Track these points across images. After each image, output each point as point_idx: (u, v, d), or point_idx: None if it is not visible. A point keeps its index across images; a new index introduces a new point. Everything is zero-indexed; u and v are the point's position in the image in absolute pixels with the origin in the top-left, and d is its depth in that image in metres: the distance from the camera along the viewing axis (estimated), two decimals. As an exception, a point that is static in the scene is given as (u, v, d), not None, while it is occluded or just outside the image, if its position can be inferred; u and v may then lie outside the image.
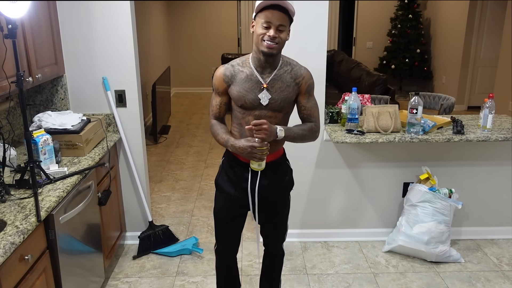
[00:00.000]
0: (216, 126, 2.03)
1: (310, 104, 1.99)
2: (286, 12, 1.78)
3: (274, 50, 1.80)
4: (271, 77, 1.90)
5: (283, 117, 1.98)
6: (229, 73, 1.93)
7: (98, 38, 2.79)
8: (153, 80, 6.22)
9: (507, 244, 3.15)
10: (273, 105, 1.90)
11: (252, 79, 1.89)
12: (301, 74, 1.94)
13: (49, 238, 1.93)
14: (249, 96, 1.89)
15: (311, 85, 1.98)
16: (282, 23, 1.78)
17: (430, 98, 3.92)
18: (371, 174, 3.08)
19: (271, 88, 1.89)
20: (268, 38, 1.78)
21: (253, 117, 1.91)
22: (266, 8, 1.78)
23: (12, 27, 1.76)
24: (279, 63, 1.92)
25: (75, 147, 2.49)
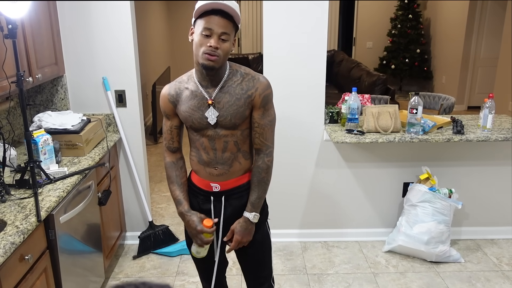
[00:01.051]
0: (171, 170, 1.79)
1: (264, 121, 1.68)
2: (230, 18, 1.53)
3: (215, 63, 1.54)
4: (216, 91, 1.64)
5: (242, 134, 1.71)
6: (174, 91, 1.70)
7: (98, 38, 2.79)
8: (153, 80, 6.22)
9: (507, 244, 3.15)
10: (224, 122, 1.65)
11: (197, 95, 1.65)
12: (254, 84, 1.65)
13: (49, 238, 1.93)
14: (195, 115, 1.65)
15: (267, 97, 1.67)
16: (225, 30, 1.52)
17: (430, 98, 3.92)
18: (371, 174, 3.08)
19: (218, 103, 1.64)
20: (208, 49, 1.52)
21: (207, 139, 1.68)
22: (206, 13, 1.52)
23: (12, 27, 1.76)
24: (226, 73, 1.65)
25: (75, 147, 2.49)
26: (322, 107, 2.94)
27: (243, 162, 1.75)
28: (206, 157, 1.71)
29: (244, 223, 1.73)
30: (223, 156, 1.70)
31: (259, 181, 1.73)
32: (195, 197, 1.81)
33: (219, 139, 1.68)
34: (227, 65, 1.67)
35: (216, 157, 1.70)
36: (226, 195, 1.76)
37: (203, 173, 1.75)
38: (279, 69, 2.86)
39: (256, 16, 8.28)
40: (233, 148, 1.70)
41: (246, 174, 1.78)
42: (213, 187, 1.75)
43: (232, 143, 1.69)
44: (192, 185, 1.82)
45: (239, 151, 1.72)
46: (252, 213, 1.73)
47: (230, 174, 1.73)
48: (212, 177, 1.73)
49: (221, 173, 1.72)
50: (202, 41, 1.53)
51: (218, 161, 1.71)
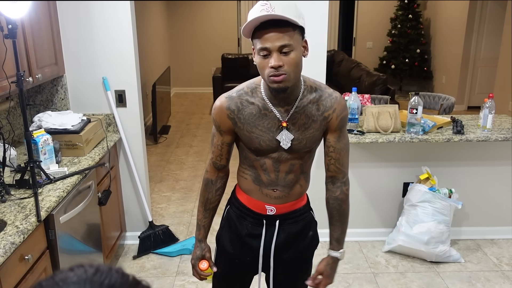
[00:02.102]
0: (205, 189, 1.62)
1: (340, 145, 1.50)
2: (287, 24, 1.27)
3: (285, 83, 1.31)
4: (291, 111, 1.42)
5: (309, 158, 1.55)
6: (235, 106, 1.44)
7: (98, 38, 2.79)
8: (153, 80, 6.22)
9: (507, 244, 3.15)
10: (298, 147, 1.46)
11: (266, 114, 1.42)
12: (331, 105, 1.45)
13: (49, 238, 1.93)
14: (264, 137, 1.44)
15: (344, 119, 1.48)
16: (284, 42, 1.27)
17: (430, 98, 3.92)
18: (371, 174, 3.08)
19: (292, 125, 1.43)
20: (271, 71, 1.29)
21: (271, 160, 1.49)
22: (257, 29, 1.29)
23: (12, 27, 1.77)
24: (301, 90, 1.42)
25: (75, 147, 2.49)
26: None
27: (304, 185, 1.59)
28: (266, 178, 1.52)
29: (334, 264, 1.59)
30: (286, 179, 1.52)
31: (339, 214, 1.58)
32: (242, 219, 1.60)
33: (286, 162, 1.49)
34: (301, 80, 1.43)
35: (277, 179, 1.52)
36: (281, 220, 1.58)
37: (257, 194, 1.55)
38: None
39: (256, 16, 8.25)
40: (297, 170, 1.53)
41: (303, 197, 1.63)
42: (267, 210, 1.55)
43: (298, 166, 1.52)
44: (239, 206, 1.61)
45: (302, 173, 1.55)
46: (339, 251, 1.59)
47: (289, 197, 1.55)
48: (269, 199, 1.54)
49: (280, 195, 1.54)
50: (262, 63, 1.31)
51: (280, 183, 1.52)
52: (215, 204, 1.65)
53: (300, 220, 1.62)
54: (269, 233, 1.58)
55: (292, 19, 1.26)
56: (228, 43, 8.64)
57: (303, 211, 1.63)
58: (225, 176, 1.65)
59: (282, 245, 1.60)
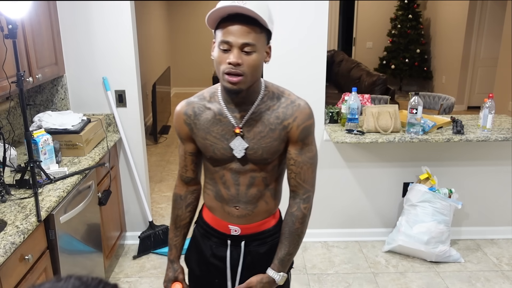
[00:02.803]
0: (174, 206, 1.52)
1: (303, 158, 1.36)
2: (254, 23, 1.18)
3: (240, 84, 1.21)
4: (246, 116, 1.31)
5: (273, 170, 1.39)
6: (192, 111, 1.37)
7: (98, 38, 2.79)
8: (153, 80, 6.22)
9: (507, 244, 3.15)
10: (253, 157, 1.34)
11: (221, 120, 1.33)
12: (292, 113, 1.31)
13: (49, 238, 1.93)
14: (218, 144, 1.34)
15: (307, 129, 1.33)
16: (248, 40, 1.18)
17: (430, 98, 3.92)
18: (371, 174, 3.08)
19: (247, 133, 1.32)
20: (227, 67, 1.19)
21: (229, 172, 1.37)
22: (222, 21, 1.20)
23: (12, 27, 1.77)
24: (259, 95, 1.32)
25: (75, 147, 2.49)
26: (322, 107, 2.94)
27: (270, 202, 1.44)
28: (226, 193, 1.40)
29: (268, 284, 1.40)
30: (248, 194, 1.39)
31: (291, 232, 1.39)
32: (207, 239, 1.50)
33: (245, 174, 1.37)
34: (261, 84, 1.33)
35: (238, 194, 1.39)
36: (247, 241, 1.45)
37: (220, 212, 1.44)
38: (279, 69, 2.86)
39: (256, 16, 8.26)
40: (260, 184, 1.39)
41: (272, 217, 1.47)
42: (231, 230, 1.44)
43: (260, 179, 1.38)
44: (204, 225, 1.51)
45: (267, 188, 1.41)
46: (279, 273, 1.40)
47: (253, 216, 1.42)
48: (232, 218, 1.42)
49: (243, 214, 1.41)
50: (220, 57, 1.20)
51: (241, 199, 1.40)
52: (186, 221, 1.54)
53: (269, 241, 1.47)
54: (235, 254, 1.46)
55: (262, 18, 1.17)
56: (228, 43, 8.62)
57: (273, 231, 1.47)
58: (196, 191, 1.53)
59: (249, 268, 1.46)
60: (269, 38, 1.26)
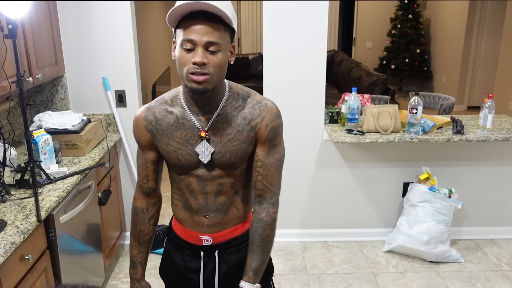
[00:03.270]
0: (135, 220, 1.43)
1: (270, 160, 1.30)
2: (219, 21, 1.13)
3: (206, 84, 1.15)
4: (212, 119, 1.25)
5: (241, 174, 1.34)
6: (153, 116, 1.29)
7: (98, 38, 2.79)
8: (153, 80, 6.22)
9: (507, 244, 3.15)
10: (220, 161, 1.28)
11: (185, 124, 1.26)
12: (260, 112, 1.26)
13: (49, 238, 1.93)
14: (182, 150, 1.27)
15: (275, 129, 1.28)
16: (212, 39, 1.12)
17: (430, 98, 3.92)
18: (371, 174, 3.08)
19: (213, 136, 1.26)
20: (192, 67, 1.13)
21: (196, 179, 1.31)
22: (184, 19, 1.13)
23: (12, 27, 1.77)
24: (224, 96, 1.26)
25: (75, 147, 2.49)
26: (322, 107, 2.94)
27: (242, 208, 1.38)
28: (194, 202, 1.34)
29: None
30: (217, 202, 1.33)
31: (262, 240, 1.32)
32: (179, 252, 1.43)
33: (212, 181, 1.31)
34: (225, 85, 1.28)
35: (207, 203, 1.33)
36: (220, 250, 1.39)
37: (189, 223, 1.38)
38: (279, 69, 2.86)
39: (256, 16, 8.28)
40: (229, 191, 1.33)
41: (244, 222, 1.41)
42: (203, 240, 1.38)
43: (229, 185, 1.32)
44: (174, 237, 1.44)
45: (237, 195, 1.36)
46: (254, 284, 1.31)
47: (224, 224, 1.36)
48: (202, 227, 1.36)
49: (214, 222, 1.35)
50: (184, 57, 1.14)
51: (210, 207, 1.34)
52: (150, 236, 1.45)
53: (244, 247, 1.39)
54: (210, 265, 1.40)
55: (227, 16, 1.11)
56: (228, 43, 8.62)
57: (247, 237, 1.37)
58: (157, 202, 1.46)
59: (226, 277, 1.40)
60: (232, 36, 1.20)
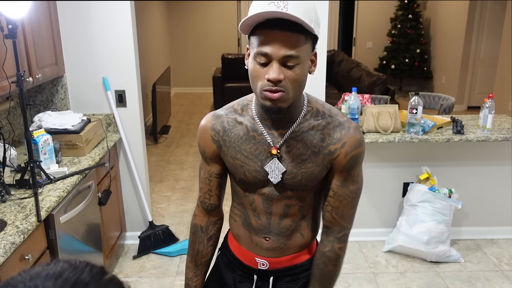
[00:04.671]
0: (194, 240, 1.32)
1: (344, 191, 1.16)
2: (298, 29, 0.96)
3: (281, 102, 1.01)
4: (286, 136, 1.12)
5: (311, 198, 1.21)
6: (221, 126, 1.18)
7: (98, 38, 2.79)
8: (153, 80, 6.22)
9: (507, 244, 3.15)
10: (290, 182, 1.15)
11: (255, 137, 1.14)
12: (341, 137, 1.12)
13: (49, 238, 1.93)
14: (250, 166, 1.15)
15: (356, 158, 1.13)
16: (291, 52, 0.97)
17: (430, 98, 3.92)
18: (371, 174, 3.08)
19: (286, 154, 1.13)
20: (266, 84, 0.99)
21: (261, 198, 1.19)
22: (259, 27, 0.98)
23: (12, 27, 1.77)
24: (302, 112, 1.13)
25: (75, 147, 2.49)
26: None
27: (307, 234, 1.26)
28: (256, 221, 1.22)
29: None
30: (280, 224, 1.21)
31: (322, 275, 1.22)
32: (231, 270, 1.32)
33: (279, 201, 1.19)
34: (303, 99, 1.13)
35: (269, 225, 1.21)
36: (276, 277, 1.27)
37: (247, 242, 1.26)
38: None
39: (256, 16, 8.25)
40: (296, 214, 1.21)
41: (306, 250, 1.29)
42: (258, 264, 1.26)
43: (296, 208, 1.20)
44: (228, 254, 1.33)
45: (304, 219, 1.23)
46: None
47: (285, 249, 1.24)
48: (260, 250, 1.24)
49: (274, 246, 1.23)
50: (257, 72, 1.00)
51: (272, 230, 1.22)
52: (207, 258, 1.34)
53: (302, 277, 1.28)
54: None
55: (308, 24, 0.95)
56: (228, 43, 8.63)
57: (307, 266, 1.27)
58: (219, 221, 1.34)
59: None
60: (314, 43, 1.05)
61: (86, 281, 0.53)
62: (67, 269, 0.54)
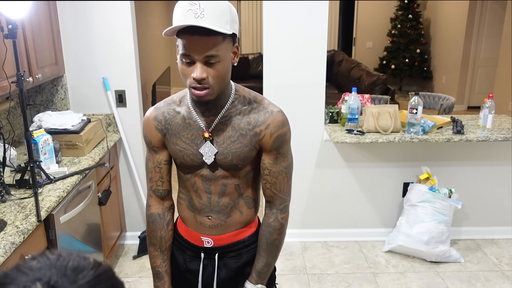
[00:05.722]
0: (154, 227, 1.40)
1: (278, 168, 1.30)
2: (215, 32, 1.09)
3: (207, 96, 1.17)
4: (216, 120, 1.26)
5: (246, 176, 1.33)
6: (162, 116, 1.31)
7: (98, 38, 2.79)
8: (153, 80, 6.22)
9: (507, 244, 3.15)
10: (223, 162, 1.28)
11: (191, 124, 1.28)
12: (264, 120, 1.26)
13: (49, 238, 1.93)
14: (188, 150, 1.28)
15: (281, 137, 1.28)
16: (211, 52, 1.11)
17: (430, 98, 3.92)
18: (371, 174, 3.08)
19: (217, 137, 1.27)
20: (193, 82, 1.14)
21: (200, 179, 1.32)
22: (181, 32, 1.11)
23: (12, 27, 1.77)
24: (230, 99, 1.27)
25: (75, 147, 2.49)
26: (322, 107, 2.94)
27: (246, 212, 1.38)
28: (198, 202, 1.34)
29: None
30: (220, 202, 1.33)
31: (268, 244, 1.35)
32: (181, 251, 1.43)
33: (216, 181, 1.32)
34: (231, 88, 1.28)
35: (210, 203, 1.34)
36: (221, 253, 1.39)
37: (192, 223, 1.38)
38: (279, 69, 2.86)
39: (256, 16, 8.28)
40: (233, 192, 1.33)
41: (247, 227, 1.40)
42: (204, 242, 1.38)
43: (233, 187, 1.32)
44: (178, 236, 1.44)
45: (241, 197, 1.35)
46: (257, 285, 1.36)
47: (226, 227, 1.36)
48: (204, 228, 1.36)
49: (215, 224, 1.35)
50: (185, 71, 1.15)
51: (213, 208, 1.34)
52: (170, 242, 1.43)
53: (244, 252, 1.40)
54: (209, 268, 1.39)
55: (221, 30, 1.08)
56: (228, 43, 8.62)
57: (249, 242, 1.40)
58: (172, 206, 1.45)
59: (225, 283, 1.40)
60: (234, 38, 1.17)
61: None
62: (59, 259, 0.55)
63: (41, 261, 0.55)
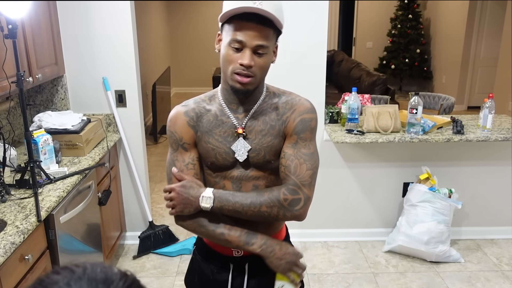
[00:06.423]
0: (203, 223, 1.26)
1: (295, 152, 1.22)
2: (269, 24, 1.12)
3: (249, 85, 1.16)
4: (249, 115, 1.24)
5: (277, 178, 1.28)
6: (193, 113, 1.26)
7: (98, 38, 2.79)
8: (153, 80, 6.22)
9: (507, 244, 3.15)
10: (256, 159, 1.23)
11: (223, 121, 1.24)
12: (291, 107, 1.24)
13: (49, 238, 1.93)
14: (221, 148, 1.23)
15: (304, 122, 1.22)
16: (262, 42, 1.13)
17: (430, 98, 3.92)
18: (371, 174, 3.08)
19: (249, 133, 1.23)
20: (238, 67, 1.14)
21: (230, 182, 1.26)
22: (236, 17, 1.12)
23: (12, 27, 1.77)
24: (262, 95, 1.26)
25: (75, 147, 2.49)
26: (322, 107, 2.94)
27: None
28: None
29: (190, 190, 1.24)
30: None
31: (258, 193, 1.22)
32: (207, 263, 1.36)
33: (247, 182, 1.25)
34: (263, 85, 1.27)
35: None
36: (251, 263, 1.31)
37: None
38: (279, 69, 2.85)
39: (256, 16, 8.26)
40: None
41: (277, 234, 1.33)
42: (233, 251, 1.31)
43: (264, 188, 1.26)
44: (204, 247, 1.37)
45: None
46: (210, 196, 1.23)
47: None
48: None
49: None
50: (231, 56, 1.14)
51: None
52: None
53: None
54: (239, 279, 1.32)
55: (279, 21, 1.13)
56: (228, 43, 8.62)
57: None
58: None
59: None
60: (277, 38, 1.21)
61: None
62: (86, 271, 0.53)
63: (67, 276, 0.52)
